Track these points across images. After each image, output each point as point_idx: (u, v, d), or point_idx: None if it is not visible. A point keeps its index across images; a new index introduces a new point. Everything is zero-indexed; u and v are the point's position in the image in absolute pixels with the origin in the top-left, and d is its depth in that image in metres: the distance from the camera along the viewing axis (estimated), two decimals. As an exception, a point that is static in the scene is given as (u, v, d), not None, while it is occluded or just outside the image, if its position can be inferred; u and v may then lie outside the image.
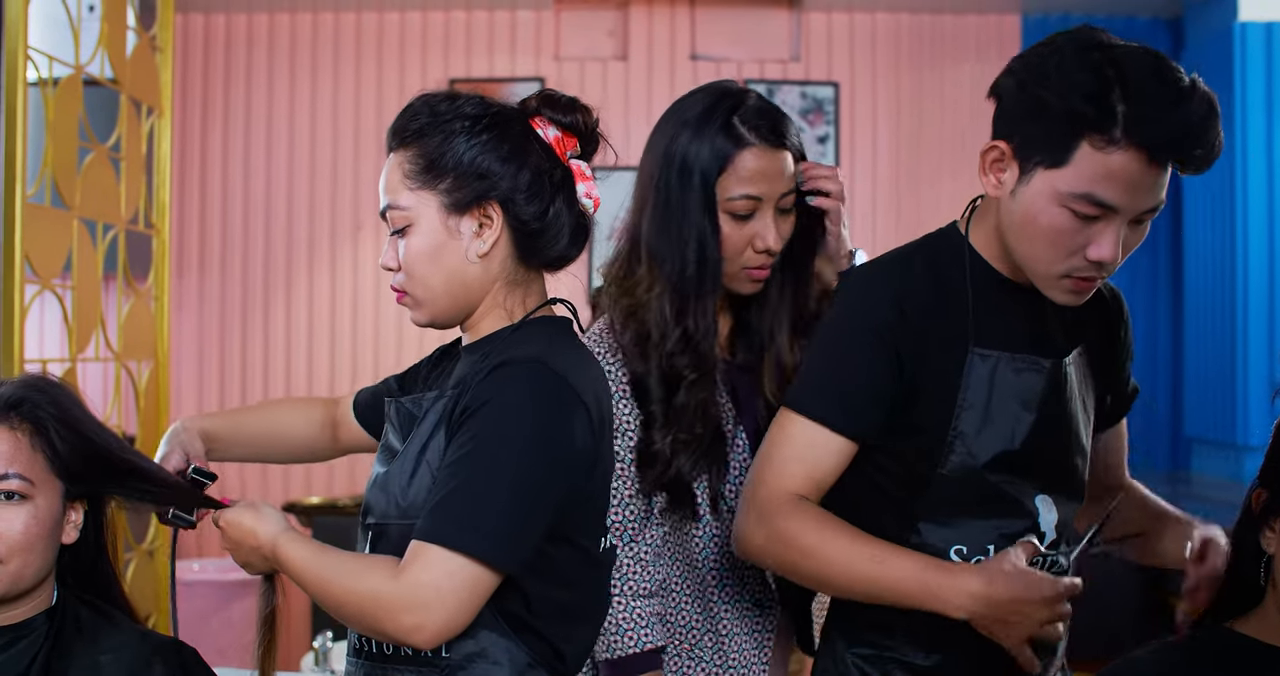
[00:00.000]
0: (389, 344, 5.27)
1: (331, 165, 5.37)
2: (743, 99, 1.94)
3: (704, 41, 5.38)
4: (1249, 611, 1.63)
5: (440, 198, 1.67)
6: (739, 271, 1.95)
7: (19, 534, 1.60)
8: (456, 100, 1.71)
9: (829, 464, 1.75)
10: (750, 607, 1.97)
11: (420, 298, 1.71)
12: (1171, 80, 1.59)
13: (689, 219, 1.91)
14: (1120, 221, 1.61)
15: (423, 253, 1.68)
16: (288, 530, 1.66)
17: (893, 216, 5.40)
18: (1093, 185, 1.58)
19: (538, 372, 1.61)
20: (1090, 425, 1.85)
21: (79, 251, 3.07)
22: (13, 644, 1.64)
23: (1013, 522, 1.76)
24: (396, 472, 1.67)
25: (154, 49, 3.55)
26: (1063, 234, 1.63)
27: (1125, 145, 1.56)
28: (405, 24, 5.39)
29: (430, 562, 1.52)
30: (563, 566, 1.66)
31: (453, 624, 1.53)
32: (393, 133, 1.72)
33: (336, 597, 1.57)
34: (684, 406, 1.90)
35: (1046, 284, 1.70)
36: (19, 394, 1.66)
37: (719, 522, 1.95)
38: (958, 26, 5.43)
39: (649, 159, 1.97)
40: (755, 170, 1.91)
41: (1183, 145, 1.57)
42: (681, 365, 1.91)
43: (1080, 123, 1.57)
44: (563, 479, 1.60)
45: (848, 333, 1.77)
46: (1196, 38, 5.01)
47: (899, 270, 1.80)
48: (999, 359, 1.74)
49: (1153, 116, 1.56)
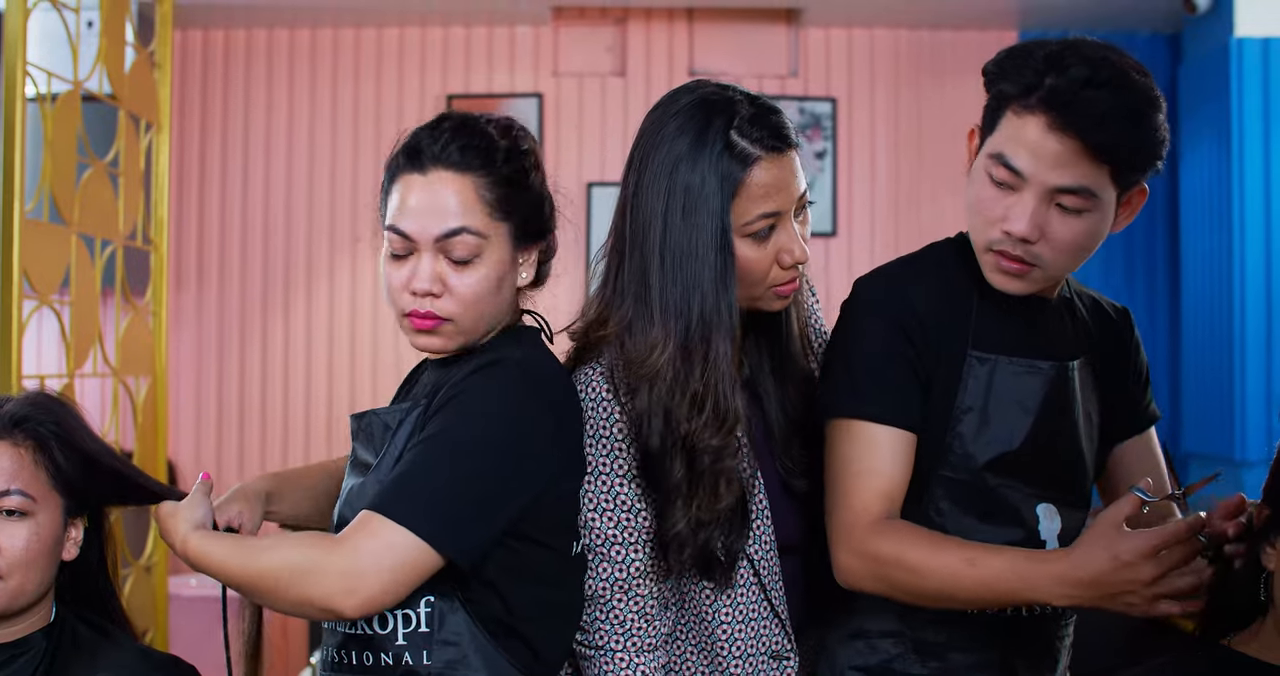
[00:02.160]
0: (387, 358, 5.27)
1: (329, 181, 5.37)
2: (732, 108, 1.73)
3: (702, 57, 5.39)
4: (1247, 629, 1.62)
5: (514, 230, 1.69)
6: (766, 292, 1.78)
7: (20, 550, 1.61)
8: (511, 132, 1.72)
9: (897, 464, 1.73)
10: (765, 660, 1.80)
11: (467, 327, 1.69)
12: (1105, 67, 1.62)
13: (701, 260, 1.71)
14: (1033, 194, 1.65)
15: (491, 283, 1.68)
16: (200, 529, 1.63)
17: (891, 231, 5.40)
18: (1003, 145, 1.66)
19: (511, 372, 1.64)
20: (1093, 437, 1.86)
21: (77, 267, 3.07)
22: (11, 661, 1.64)
23: (1012, 531, 1.77)
24: (372, 483, 1.67)
25: (152, 65, 3.55)
26: (983, 202, 1.69)
27: (1035, 110, 1.62)
28: (404, 40, 5.40)
29: (373, 531, 1.52)
30: (538, 566, 1.66)
31: (384, 596, 1.53)
32: (442, 155, 1.67)
33: (267, 570, 1.55)
34: (705, 475, 1.70)
35: (982, 262, 1.74)
36: (22, 411, 1.66)
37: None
38: (956, 42, 5.44)
39: (641, 202, 1.75)
40: (769, 184, 1.72)
41: (1090, 121, 1.60)
42: (706, 436, 1.70)
43: (1011, 91, 1.65)
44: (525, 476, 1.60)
45: (869, 331, 1.77)
46: (1194, 53, 5.02)
47: (910, 272, 1.83)
48: (997, 362, 1.76)
49: (1071, 90, 1.60)
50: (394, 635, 1.65)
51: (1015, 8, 5.19)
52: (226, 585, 1.64)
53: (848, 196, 5.38)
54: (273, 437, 5.29)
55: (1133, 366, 1.92)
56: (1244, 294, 4.57)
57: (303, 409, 5.31)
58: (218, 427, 5.31)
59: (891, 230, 5.41)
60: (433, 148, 1.67)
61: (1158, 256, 5.33)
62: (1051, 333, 1.81)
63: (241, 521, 1.77)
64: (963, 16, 5.31)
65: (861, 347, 1.77)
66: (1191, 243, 4.96)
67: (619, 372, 1.72)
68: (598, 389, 1.73)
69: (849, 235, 5.38)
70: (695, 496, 1.70)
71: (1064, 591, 1.57)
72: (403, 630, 1.64)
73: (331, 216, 5.36)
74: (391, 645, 1.65)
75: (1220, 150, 4.66)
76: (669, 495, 1.71)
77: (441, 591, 1.62)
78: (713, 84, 1.79)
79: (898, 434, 1.72)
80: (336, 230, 5.36)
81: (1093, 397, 1.85)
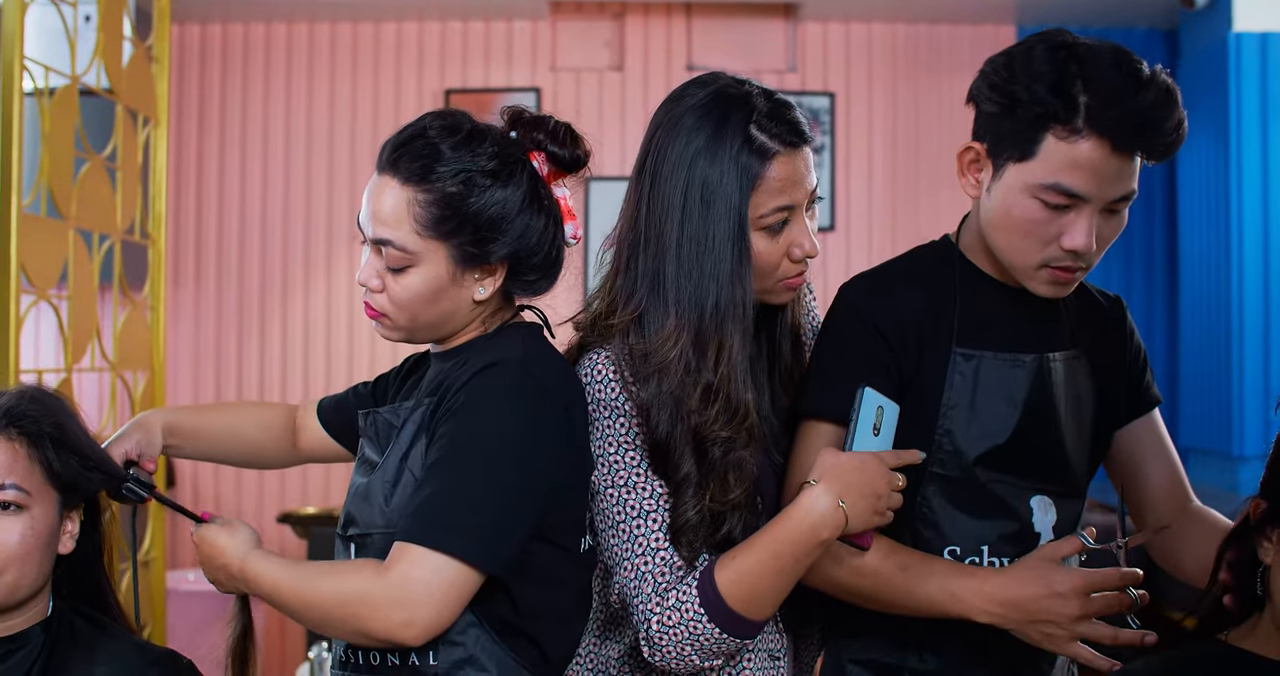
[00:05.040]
0: (384, 354, 5.27)
1: (327, 176, 5.37)
2: (750, 102, 1.73)
3: (700, 52, 5.39)
4: (1244, 623, 1.62)
5: (451, 251, 1.64)
6: (775, 284, 1.79)
7: (15, 544, 1.61)
8: (471, 144, 1.65)
9: None
10: (766, 659, 1.80)
11: (401, 325, 1.70)
12: (1130, 71, 1.63)
13: (718, 253, 1.71)
14: (1091, 210, 1.67)
15: (420, 294, 1.66)
16: (258, 549, 1.65)
17: (889, 226, 5.40)
18: (1059, 175, 1.64)
19: (517, 375, 1.62)
20: (1085, 427, 1.86)
21: (75, 262, 3.07)
22: (9, 655, 1.64)
23: (1006, 524, 1.78)
24: (379, 483, 1.67)
25: (150, 59, 3.55)
26: (1035, 224, 1.68)
27: (1088, 134, 1.62)
28: (401, 34, 5.39)
29: (415, 560, 1.53)
30: (547, 567, 1.66)
31: (440, 620, 1.54)
32: (393, 161, 1.65)
33: (317, 602, 1.57)
34: (716, 466, 1.70)
35: (1026, 276, 1.75)
36: (16, 405, 1.66)
37: None
38: (953, 37, 5.44)
39: (658, 193, 1.75)
40: (785, 178, 1.72)
41: (1142, 132, 1.62)
42: (717, 428, 1.70)
43: (1045, 115, 1.63)
44: (543, 479, 1.60)
45: (847, 335, 1.80)
46: (1192, 48, 5.02)
47: (893, 275, 1.85)
48: (981, 357, 1.78)
49: (1112, 105, 1.61)
50: None
51: (1012, 3, 5.19)
52: (278, 608, 1.64)
53: (845, 191, 5.38)
54: (270, 432, 5.28)
55: (1129, 352, 1.94)
56: (1241, 288, 4.57)
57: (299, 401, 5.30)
58: (215, 422, 5.31)
59: (889, 225, 5.41)
60: (386, 149, 1.67)
61: (1155, 251, 5.34)
62: (1036, 325, 1.82)
63: (140, 452, 1.80)
64: (960, 11, 5.31)
65: (837, 350, 1.79)
66: (1189, 237, 4.97)
67: (625, 362, 1.72)
68: (604, 372, 1.72)
69: (847, 230, 5.38)
70: (706, 488, 1.69)
71: (988, 608, 1.65)
72: None
73: (329, 210, 5.36)
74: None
75: (1218, 145, 4.66)
76: (680, 486, 1.70)
77: None
78: (729, 77, 1.79)
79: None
80: (334, 224, 5.36)
81: (1087, 385, 1.86)
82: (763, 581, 1.64)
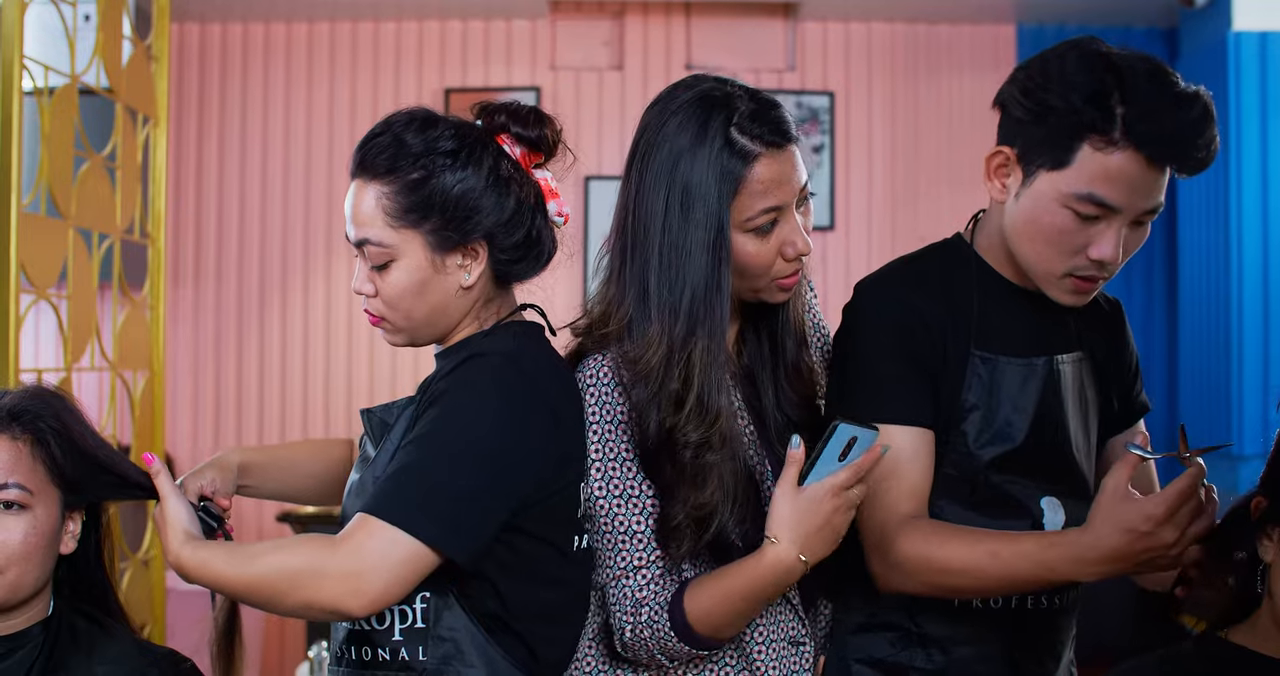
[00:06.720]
0: (384, 354, 5.27)
1: (327, 175, 5.37)
2: (732, 103, 1.72)
3: (699, 51, 5.39)
4: (1244, 620, 1.63)
5: (426, 237, 1.67)
6: (769, 284, 1.78)
7: (18, 543, 1.61)
8: (428, 131, 1.69)
9: (920, 461, 1.74)
10: (785, 646, 1.82)
11: (400, 326, 1.73)
12: (1168, 84, 1.64)
13: (694, 259, 1.71)
14: (1121, 221, 1.66)
15: (407, 288, 1.69)
16: (191, 541, 1.61)
17: (888, 225, 5.40)
18: (1094, 185, 1.63)
19: (503, 367, 1.64)
20: (1092, 429, 1.86)
21: (74, 261, 3.07)
22: (9, 654, 1.64)
23: (1017, 524, 1.78)
24: (368, 479, 1.68)
25: (150, 58, 3.55)
26: (1065, 234, 1.68)
27: (1124, 146, 1.61)
28: (401, 34, 5.39)
29: (372, 532, 1.53)
30: (538, 564, 1.67)
31: (389, 594, 1.53)
32: (361, 162, 1.69)
33: (263, 573, 1.55)
34: (687, 469, 1.70)
35: (1049, 283, 1.74)
36: (20, 404, 1.66)
37: None
38: (953, 36, 5.44)
39: (642, 199, 1.75)
40: (770, 180, 1.71)
41: (1180, 147, 1.62)
42: (688, 431, 1.70)
43: (1081, 125, 1.62)
44: (517, 473, 1.61)
45: (879, 336, 1.78)
46: (1191, 47, 5.02)
47: (912, 274, 1.84)
48: (998, 361, 1.77)
49: (1150, 119, 1.61)
50: (391, 630, 1.66)
51: (1012, 2, 5.19)
52: (224, 594, 1.63)
53: (845, 190, 5.38)
54: (270, 431, 5.29)
55: (1126, 356, 1.94)
56: (1241, 287, 4.57)
57: (300, 402, 5.31)
58: (215, 421, 5.31)
59: (889, 224, 5.41)
60: (355, 154, 1.71)
61: (1155, 251, 5.33)
62: (1045, 327, 1.82)
63: (215, 488, 1.79)
64: (960, 10, 5.31)
65: (872, 353, 1.78)
66: (1188, 237, 4.97)
67: (622, 368, 1.73)
68: (605, 376, 1.73)
69: (847, 229, 5.38)
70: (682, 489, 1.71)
71: (1088, 570, 1.58)
72: (399, 625, 1.65)
73: (329, 210, 5.36)
74: (388, 640, 1.66)
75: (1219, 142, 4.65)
76: (667, 489, 1.72)
77: (437, 587, 1.63)
78: (712, 79, 1.78)
79: (917, 432, 1.74)
80: (334, 223, 5.36)
81: (1092, 388, 1.86)
82: (729, 616, 1.69)
